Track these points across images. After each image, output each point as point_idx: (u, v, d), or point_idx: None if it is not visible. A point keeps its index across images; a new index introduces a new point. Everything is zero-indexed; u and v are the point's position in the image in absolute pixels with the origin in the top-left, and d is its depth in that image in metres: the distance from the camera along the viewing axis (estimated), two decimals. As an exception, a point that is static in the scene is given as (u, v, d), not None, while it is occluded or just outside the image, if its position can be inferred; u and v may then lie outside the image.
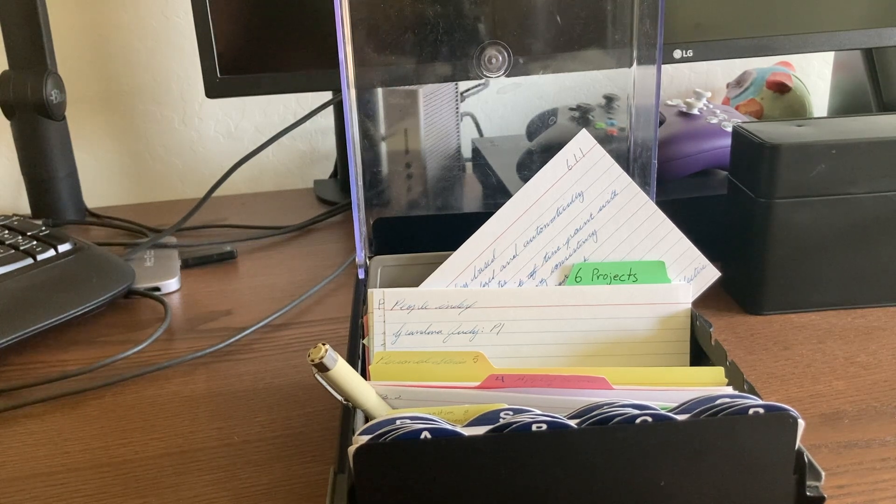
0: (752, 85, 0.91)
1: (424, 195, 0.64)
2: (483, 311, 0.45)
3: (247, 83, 0.71)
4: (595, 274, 0.46)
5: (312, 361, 0.36)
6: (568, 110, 0.64)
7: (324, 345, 0.36)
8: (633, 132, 0.52)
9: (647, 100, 0.51)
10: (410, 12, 0.52)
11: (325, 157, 1.02)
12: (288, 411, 0.51)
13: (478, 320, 0.45)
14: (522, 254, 0.46)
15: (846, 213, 0.57)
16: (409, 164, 0.63)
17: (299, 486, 0.44)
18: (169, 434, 0.49)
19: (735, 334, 0.58)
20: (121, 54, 0.95)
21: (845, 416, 0.48)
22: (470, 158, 0.81)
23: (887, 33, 0.72)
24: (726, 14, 0.71)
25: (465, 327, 0.45)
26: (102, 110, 0.97)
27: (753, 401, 0.34)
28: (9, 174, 0.96)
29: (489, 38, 0.54)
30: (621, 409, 0.34)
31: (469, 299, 0.45)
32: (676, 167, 0.71)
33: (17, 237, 0.68)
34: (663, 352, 0.45)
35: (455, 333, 0.45)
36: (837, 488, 0.41)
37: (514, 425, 0.33)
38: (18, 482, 0.45)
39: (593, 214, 0.46)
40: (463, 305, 0.45)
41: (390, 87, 0.56)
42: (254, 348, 0.59)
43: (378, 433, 0.34)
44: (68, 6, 0.91)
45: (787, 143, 0.56)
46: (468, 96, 0.73)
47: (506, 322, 0.45)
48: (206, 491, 0.44)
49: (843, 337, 0.57)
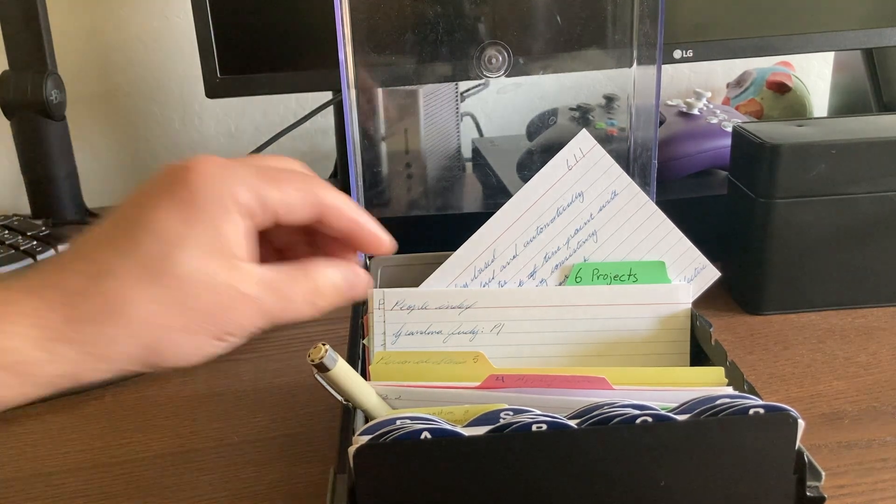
0: (752, 85, 0.91)
1: (424, 195, 0.64)
2: (483, 311, 0.45)
3: (247, 83, 0.71)
4: (595, 274, 0.46)
5: (312, 361, 0.36)
6: (568, 110, 0.64)
7: (324, 345, 0.36)
8: (633, 132, 0.52)
9: (647, 100, 0.51)
10: (410, 12, 0.52)
11: (325, 157, 1.02)
12: (288, 411, 0.51)
13: (478, 320, 0.45)
14: (522, 254, 0.46)
15: (846, 213, 0.57)
16: (409, 164, 0.63)
17: (299, 486, 0.44)
18: (169, 434, 0.49)
19: (735, 334, 0.58)
20: (121, 54, 0.95)
21: (845, 416, 0.48)
22: (470, 158, 0.80)
23: (887, 33, 0.72)
24: (726, 14, 0.71)
25: (465, 327, 0.45)
26: (102, 110, 0.97)
27: (753, 401, 0.34)
28: (9, 174, 0.96)
29: (489, 38, 0.54)
30: (621, 409, 0.34)
31: (469, 299, 0.45)
32: (676, 167, 0.71)
33: (17, 237, 0.68)
34: (663, 352, 0.45)
35: (455, 333, 0.45)
36: (837, 488, 0.41)
37: (514, 425, 0.33)
38: (18, 482, 0.45)
39: (593, 214, 0.46)
40: (463, 306, 0.45)
41: (390, 87, 0.56)
42: (254, 348, 0.59)
43: (378, 433, 0.34)
44: (68, 6, 0.91)
45: (787, 143, 0.56)
46: (468, 96, 0.73)
47: (506, 322, 0.45)
48: (206, 491, 0.44)
49: (843, 337, 0.56)
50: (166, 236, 0.31)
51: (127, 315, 0.31)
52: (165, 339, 0.32)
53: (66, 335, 0.30)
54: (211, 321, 0.32)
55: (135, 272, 0.31)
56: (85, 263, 0.31)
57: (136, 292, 0.31)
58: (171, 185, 0.32)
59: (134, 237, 0.31)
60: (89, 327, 0.30)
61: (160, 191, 0.32)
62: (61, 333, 0.30)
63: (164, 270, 0.31)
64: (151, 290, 0.31)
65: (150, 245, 0.31)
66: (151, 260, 0.31)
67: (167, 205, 0.32)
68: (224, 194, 0.32)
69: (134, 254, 0.31)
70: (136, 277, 0.31)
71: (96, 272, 0.31)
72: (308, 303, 0.35)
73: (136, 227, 0.32)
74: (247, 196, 0.33)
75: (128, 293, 0.31)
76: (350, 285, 0.37)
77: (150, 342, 0.31)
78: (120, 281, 0.31)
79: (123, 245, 0.31)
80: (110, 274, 0.31)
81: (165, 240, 0.31)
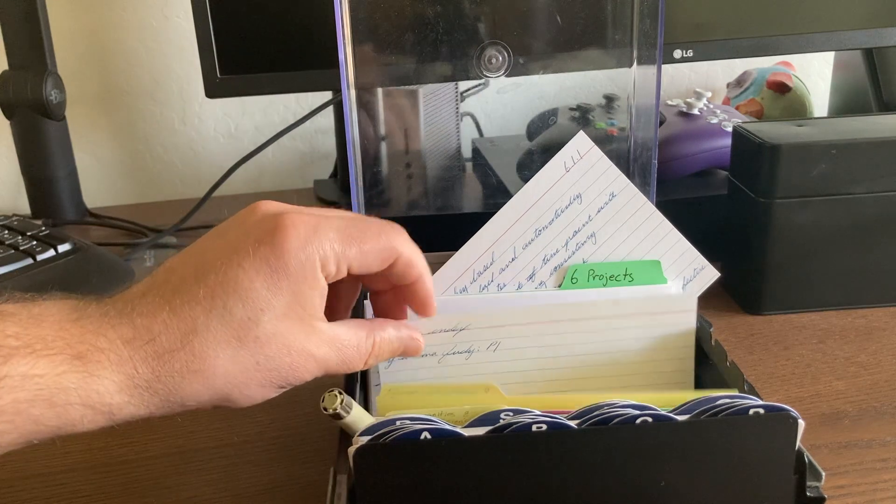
0: (752, 85, 0.91)
1: (424, 195, 0.64)
2: (478, 331, 0.44)
3: (247, 83, 0.71)
4: (591, 275, 0.45)
5: (326, 410, 0.36)
6: (568, 110, 0.64)
7: (340, 393, 0.36)
8: (634, 132, 0.52)
9: (647, 100, 0.51)
10: (410, 12, 0.52)
11: (325, 157, 1.02)
12: (288, 411, 0.51)
13: (473, 340, 0.44)
14: (521, 256, 0.46)
15: (846, 213, 0.57)
16: (409, 164, 0.63)
17: (299, 486, 0.44)
18: (169, 434, 0.49)
19: (735, 334, 0.58)
20: (121, 54, 0.95)
21: (845, 417, 0.48)
22: (470, 158, 0.80)
23: (887, 33, 0.72)
24: (726, 14, 0.71)
25: (461, 347, 0.44)
26: (102, 110, 0.97)
27: (753, 401, 0.34)
28: (9, 174, 0.96)
29: (489, 38, 0.54)
30: (621, 409, 0.34)
31: (462, 322, 0.43)
32: (676, 167, 0.71)
33: (17, 237, 0.68)
34: (666, 369, 0.45)
35: (450, 354, 0.44)
36: (837, 488, 0.41)
37: (514, 425, 0.33)
38: (18, 482, 0.45)
39: (592, 216, 0.46)
40: (457, 328, 0.43)
41: (390, 87, 0.56)
42: (254, 348, 0.59)
43: (378, 434, 0.34)
44: (68, 6, 0.91)
45: (787, 143, 0.56)
46: (468, 96, 0.73)
47: (502, 339, 0.44)
48: (206, 491, 0.44)
49: (843, 337, 0.56)
50: (253, 302, 0.34)
51: (211, 374, 0.34)
52: (238, 392, 0.35)
53: (152, 386, 0.33)
54: (280, 377, 0.35)
55: (221, 334, 0.33)
56: (176, 319, 0.33)
57: (220, 353, 0.34)
58: (260, 245, 0.34)
59: (222, 299, 0.34)
60: (173, 381, 0.33)
61: (249, 247, 0.34)
62: (148, 384, 0.33)
63: (249, 335, 0.34)
64: (235, 352, 0.34)
65: (238, 310, 0.33)
66: (238, 324, 0.34)
67: (257, 267, 0.34)
68: (312, 263, 0.35)
69: (222, 317, 0.33)
70: (223, 340, 0.33)
71: (186, 330, 0.33)
72: (363, 361, 0.38)
73: (224, 288, 0.34)
74: (332, 263, 0.36)
75: (212, 353, 0.33)
76: (404, 348, 0.41)
77: (225, 394, 0.34)
78: (207, 343, 0.33)
79: (211, 305, 0.33)
80: (199, 334, 0.33)
81: (252, 306, 0.34)
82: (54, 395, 0.31)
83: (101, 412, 0.33)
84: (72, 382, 0.31)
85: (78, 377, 0.32)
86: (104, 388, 0.32)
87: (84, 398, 0.32)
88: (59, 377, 0.31)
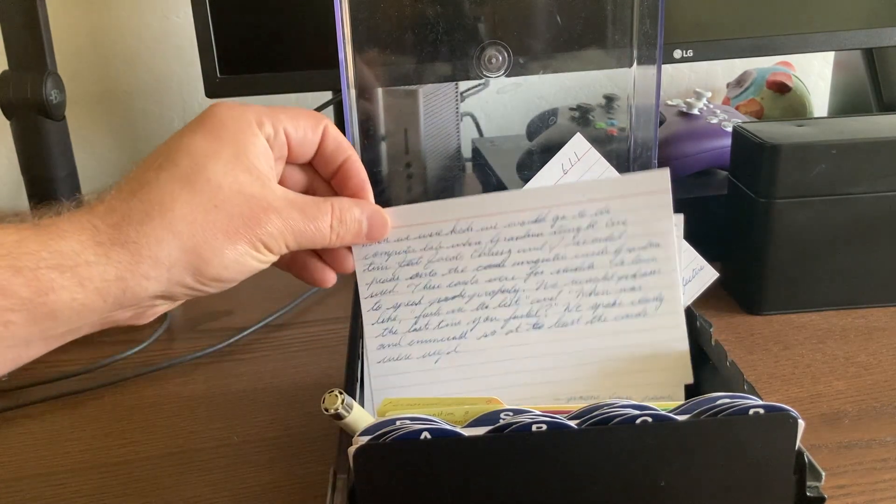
0: (752, 85, 0.91)
1: (424, 195, 0.64)
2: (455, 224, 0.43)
3: (247, 83, 0.71)
4: None
5: (327, 411, 0.36)
6: (568, 110, 0.64)
7: (340, 393, 0.36)
8: (633, 132, 0.52)
9: (647, 100, 0.51)
10: (410, 12, 0.52)
11: (325, 157, 1.01)
12: (288, 411, 0.51)
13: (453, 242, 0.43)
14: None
15: (846, 213, 0.57)
16: (409, 164, 0.63)
17: (299, 486, 0.44)
18: (169, 434, 0.49)
19: (735, 334, 0.58)
20: (121, 54, 0.94)
21: (845, 417, 0.48)
22: (470, 158, 0.81)
23: (887, 33, 0.72)
24: (726, 14, 0.71)
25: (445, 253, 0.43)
26: (102, 110, 0.97)
27: (753, 401, 0.34)
28: (9, 174, 0.96)
29: (489, 38, 0.54)
30: (621, 409, 0.34)
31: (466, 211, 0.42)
32: (676, 167, 0.71)
33: (17, 237, 0.67)
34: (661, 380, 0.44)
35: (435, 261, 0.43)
36: (837, 488, 0.41)
37: (514, 426, 0.33)
38: (18, 482, 0.45)
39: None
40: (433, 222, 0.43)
41: (390, 87, 0.56)
42: (253, 348, 0.59)
43: (378, 434, 0.34)
44: (68, 6, 0.91)
45: (787, 143, 0.56)
46: (468, 96, 0.73)
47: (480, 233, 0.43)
48: (206, 491, 0.44)
49: (843, 337, 0.57)
50: (197, 152, 0.36)
51: (168, 215, 0.34)
52: (206, 243, 0.35)
53: (114, 238, 0.34)
54: (244, 226, 0.36)
55: (172, 183, 0.35)
56: (127, 183, 0.35)
57: (174, 196, 0.35)
58: (199, 119, 0.38)
59: (169, 157, 0.36)
60: (135, 228, 0.34)
61: (191, 125, 0.38)
62: (110, 237, 0.33)
63: (198, 178, 0.35)
64: (188, 195, 0.35)
65: (184, 160, 0.36)
66: (186, 172, 0.35)
67: (197, 130, 0.37)
68: (248, 119, 0.38)
69: (170, 169, 0.35)
70: (173, 186, 0.35)
71: (138, 186, 0.35)
72: (331, 228, 0.39)
73: (171, 150, 0.36)
74: (263, 119, 0.38)
75: (167, 197, 0.35)
76: (370, 222, 0.41)
77: (193, 245, 0.35)
78: (161, 190, 0.35)
79: (159, 164, 0.36)
80: (150, 185, 0.35)
81: (196, 154, 0.36)
82: (17, 259, 0.31)
83: (71, 277, 0.32)
84: (33, 245, 0.32)
85: (39, 241, 0.32)
86: (69, 248, 0.32)
87: (49, 260, 0.32)
88: (19, 243, 0.32)
